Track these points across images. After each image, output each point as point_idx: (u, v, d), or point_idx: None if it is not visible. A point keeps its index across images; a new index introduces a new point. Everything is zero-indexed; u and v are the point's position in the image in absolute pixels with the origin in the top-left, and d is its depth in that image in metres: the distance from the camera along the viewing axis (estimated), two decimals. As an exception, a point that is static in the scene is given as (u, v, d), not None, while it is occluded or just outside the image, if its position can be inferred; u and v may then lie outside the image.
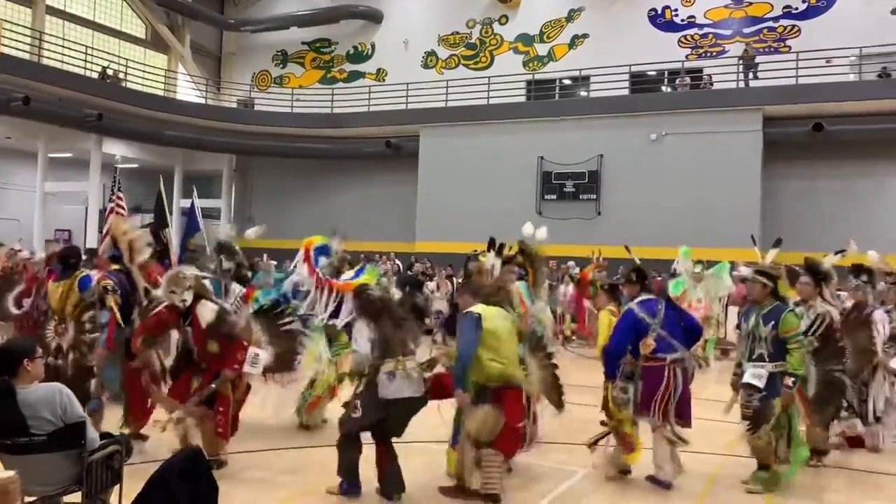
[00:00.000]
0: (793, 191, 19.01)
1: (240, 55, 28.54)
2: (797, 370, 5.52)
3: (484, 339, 4.98)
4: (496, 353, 5.01)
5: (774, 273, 5.83)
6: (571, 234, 19.03)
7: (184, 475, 3.49)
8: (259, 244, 23.64)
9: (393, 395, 4.95)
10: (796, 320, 5.66)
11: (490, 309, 5.15)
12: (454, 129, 21.63)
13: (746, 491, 5.59)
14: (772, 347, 5.61)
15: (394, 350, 5.04)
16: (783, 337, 5.55)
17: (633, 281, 6.11)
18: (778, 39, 20.62)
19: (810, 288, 6.50)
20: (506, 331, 5.13)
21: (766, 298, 5.74)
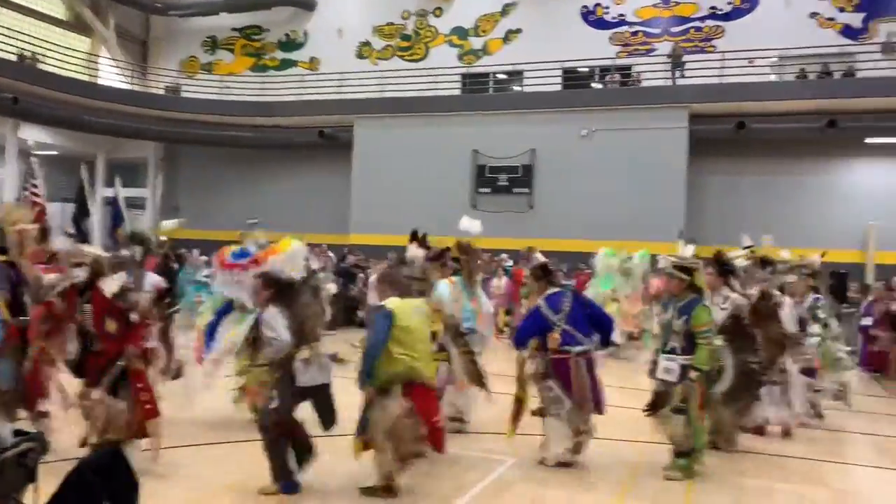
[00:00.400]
0: (717, 186, 19.65)
1: (167, 40, 27.68)
2: (702, 365, 5.67)
3: (395, 334, 4.94)
4: (408, 347, 4.97)
5: (692, 267, 5.96)
6: (505, 227, 19.21)
7: (102, 473, 3.37)
8: (188, 235, 23.07)
9: (310, 382, 4.97)
10: (708, 316, 5.78)
11: (404, 303, 5.13)
12: (389, 120, 21.52)
13: (665, 478, 5.76)
14: (684, 341, 5.75)
15: (308, 337, 5.05)
16: (693, 331, 5.69)
17: (539, 277, 6.26)
18: (704, 39, 21.23)
19: (713, 278, 6.74)
20: (419, 326, 5.10)
21: (682, 292, 5.88)
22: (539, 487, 5.52)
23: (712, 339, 5.75)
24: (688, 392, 5.66)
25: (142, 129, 23.19)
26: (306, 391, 5.02)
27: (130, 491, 3.51)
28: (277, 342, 4.97)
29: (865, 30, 19.70)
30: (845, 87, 18.34)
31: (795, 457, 6.68)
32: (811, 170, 19.18)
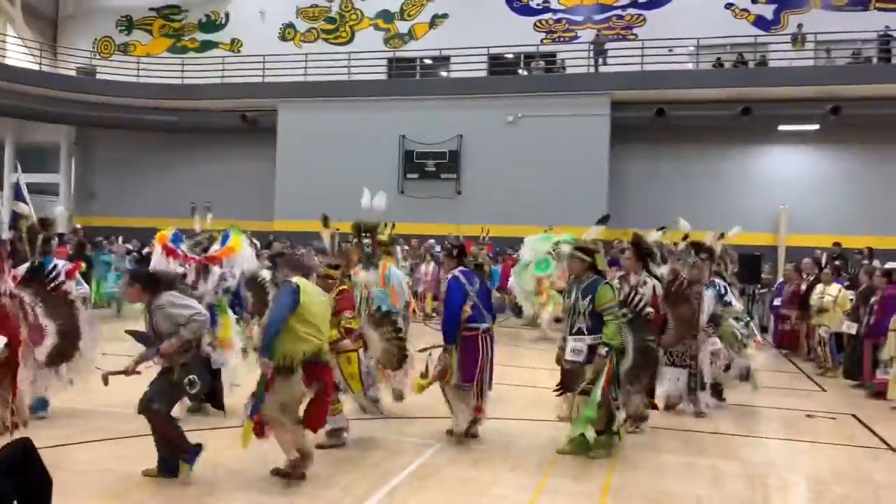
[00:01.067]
0: (638, 171, 20.17)
1: (79, 19, 26.46)
2: (611, 340, 5.83)
3: (300, 313, 4.93)
4: (311, 327, 5.00)
5: (593, 248, 6.12)
6: (433, 213, 19.29)
7: (11, 469, 3.23)
8: (103, 222, 22.29)
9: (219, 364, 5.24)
10: (611, 293, 5.92)
11: (307, 283, 5.17)
12: (314, 104, 21.19)
13: (589, 457, 5.89)
14: (590, 321, 5.90)
15: None
16: (599, 309, 5.85)
17: (453, 256, 6.37)
18: (625, 27, 21.67)
19: (632, 261, 6.97)
20: (320, 306, 5.15)
21: (584, 273, 6.03)
22: (465, 470, 5.58)
23: (618, 314, 5.90)
24: (599, 368, 5.80)
25: (53, 112, 22.16)
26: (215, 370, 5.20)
27: (42, 488, 3.38)
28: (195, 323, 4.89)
29: (778, 21, 20.50)
30: (759, 76, 19.09)
31: (710, 432, 6.95)
32: (727, 155, 19.89)
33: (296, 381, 4.98)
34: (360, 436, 6.28)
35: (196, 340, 4.97)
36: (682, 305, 7.14)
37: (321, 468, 5.42)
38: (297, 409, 5.08)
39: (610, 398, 5.88)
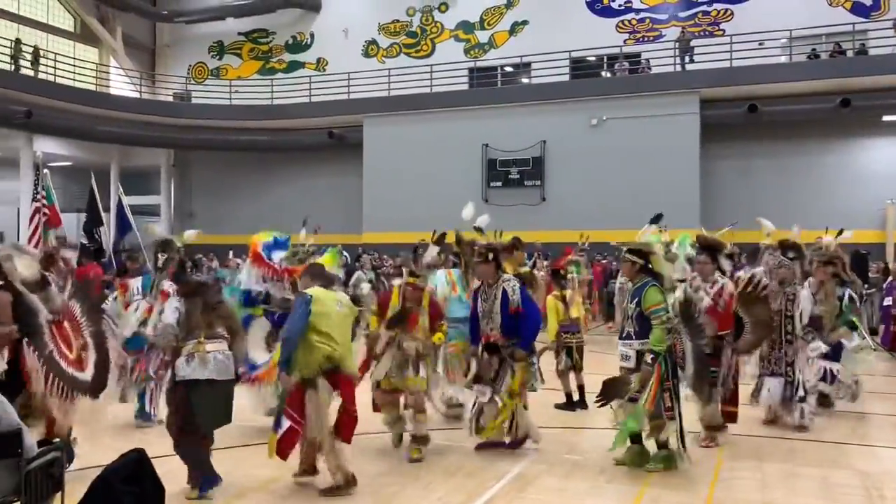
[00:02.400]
0: (729, 170, 19.52)
1: (174, 47, 27.84)
2: (655, 347, 5.48)
3: (314, 322, 4.93)
4: (326, 336, 4.97)
5: (647, 250, 5.82)
6: (517, 220, 19.13)
7: (128, 479, 3.40)
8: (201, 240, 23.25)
9: (188, 376, 4.96)
10: (659, 296, 5.56)
11: (324, 292, 5.14)
12: (397, 118, 21.53)
13: (645, 469, 5.62)
14: (637, 325, 5.62)
15: (195, 331, 5.05)
16: (646, 313, 5.54)
17: (488, 260, 6.16)
18: (712, 23, 21.06)
19: (709, 266, 6.49)
20: (338, 315, 5.10)
21: (636, 276, 5.74)
22: (561, 479, 5.50)
23: (665, 319, 5.50)
24: (645, 377, 5.51)
25: (152, 136, 23.38)
26: (187, 385, 4.99)
27: (157, 496, 3.54)
28: (162, 325, 5.15)
29: (878, 6, 19.47)
30: (859, 66, 18.17)
31: (816, 440, 6.62)
32: (826, 150, 19.01)
33: (322, 392, 4.98)
34: (454, 444, 6.30)
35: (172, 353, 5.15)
36: (757, 307, 6.68)
37: (417, 478, 5.47)
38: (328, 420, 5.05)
39: (663, 408, 5.52)
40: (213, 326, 5.13)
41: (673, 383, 5.56)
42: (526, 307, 6.03)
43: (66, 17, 26.01)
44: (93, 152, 23.41)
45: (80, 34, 26.16)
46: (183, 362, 4.98)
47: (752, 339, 6.69)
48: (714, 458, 6.06)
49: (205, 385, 4.97)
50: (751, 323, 6.70)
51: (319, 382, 4.97)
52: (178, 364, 5.00)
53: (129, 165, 25.07)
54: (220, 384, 5.02)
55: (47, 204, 9.33)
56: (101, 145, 23.21)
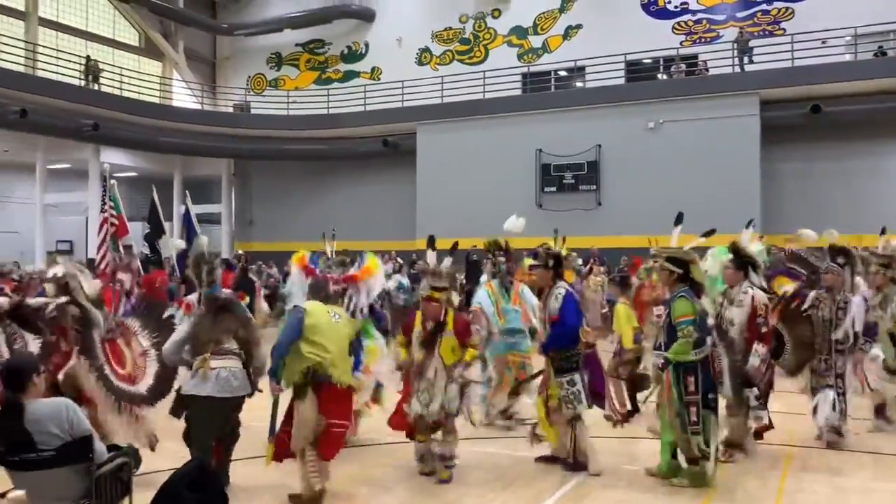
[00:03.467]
0: (792, 173, 18.98)
1: (234, 59, 28.52)
2: (672, 355, 5.31)
3: (306, 334, 5.00)
4: (317, 346, 5.01)
5: (686, 258, 5.58)
6: (572, 225, 18.97)
7: (193, 486, 3.49)
8: (261, 248, 23.76)
9: (188, 391, 5.13)
10: (688, 307, 5.34)
11: (319, 305, 5.24)
12: (451, 125, 21.60)
13: (671, 484, 5.46)
14: (667, 335, 5.44)
15: (201, 347, 5.14)
16: (674, 323, 5.35)
17: (548, 267, 5.94)
18: (772, 22, 20.55)
19: (732, 272, 6.25)
20: (332, 326, 5.14)
21: (674, 285, 5.55)
22: (621, 492, 5.42)
23: (689, 331, 5.27)
24: (656, 377, 5.38)
25: (213, 146, 23.98)
26: (189, 400, 5.16)
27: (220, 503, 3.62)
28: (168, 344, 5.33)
29: (948, 0, 18.69)
30: (928, 63, 17.47)
31: (889, 454, 6.37)
32: (893, 151, 18.33)
33: (308, 403, 5.00)
34: (513, 453, 6.27)
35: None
36: (800, 325, 6.38)
37: (474, 486, 5.46)
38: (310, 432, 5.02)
39: (688, 423, 5.30)
40: (221, 342, 5.22)
41: (704, 399, 5.36)
42: (563, 316, 5.71)
43: (132, 33, 26.92)
44: (156, 163, 24.15)
45: (144, 48, 27.03)
46: (189, 377, 5.21)
47: (793, 360, 6.42)
48: (779, 471, 5.89)
49: (201, 401, 5.10)
50: (792, 343, 6.43)
51: (308, 394, 5.01)
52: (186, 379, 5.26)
53: (191, 175, 25.74)
54: (217, 401, 5.09)
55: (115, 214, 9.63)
56: (164, 156, 23.92)
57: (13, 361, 3.94)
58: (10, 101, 18.35)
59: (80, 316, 5.33)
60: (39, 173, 21.86)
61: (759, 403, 6.00)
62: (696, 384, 5.33)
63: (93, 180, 21.74)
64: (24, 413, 3.55)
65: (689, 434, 5.32)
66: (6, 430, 3.54)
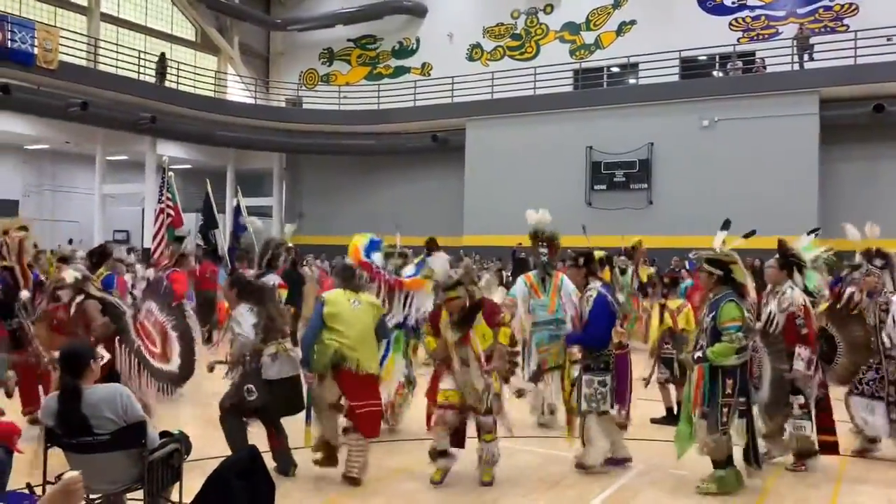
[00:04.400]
0: (852, 175, 18.41)
1: (287, 54, 28.90)
2: (710, 354, 5.15)
3: (326, 321, 5.25)
4: (337, 333, 5.21)
5: (727, 260, 5.40)
6: (622, 224, 18.74)
7: (242, 473, 3.54)
8: (310, 241, 24.05)
9: (276, 375, 5.34)
10: (737, 311, 5.17)
11: (340, 292, 5.42)
12: (500, 121, 21.52)
13: (698, 492, 5.30)
14: (710, 339, 5.28)
15: (275, 333, 5.40)
16: (720, 327, 5.19)
17: (579, 265, 5.84)
18: (835, 19, 19.94)
19: (775, 271, 6.01)
20: (352, 313, 5.32)
21: (715, 287, 5.39)
22: (666, 495, 5.33)
23: (737, 337, 5.12)
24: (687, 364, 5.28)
25: (266, 140, 24.36)
26: (273, 383, 5.35)
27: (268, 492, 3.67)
28: (242, 338, 5.33)
29: None
30: None
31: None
32: (961, 153, 17.65)
33: (324, 385, 5.30)
34: (557, 453, 6.23)
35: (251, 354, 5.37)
36: (851, 326, 6.09)
37: (516, 486, 5.44)
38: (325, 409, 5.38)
39: (719, 424, 5.14)
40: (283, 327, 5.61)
41: (738, 402, 5.23)
42: (592, 318, 5.67)
43: (188, 28, 27.49)
44: (210, 156, 24.63)
45: (200, 43, 27.58)
46: (268, 361, 5.37)
47: (848, 363, 6.12)
48: (833, 481, 5.72)
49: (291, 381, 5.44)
50: (845, 344, 6.13)
51: (327, 378, 5.28)
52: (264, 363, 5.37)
53: (243, 168, 26.19)
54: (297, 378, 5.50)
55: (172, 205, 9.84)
56: (218, 149, 24.38)
57: (71, 347, 4.05)
58: (72, 94, 18.93)
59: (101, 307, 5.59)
60: (99, 164, 22.51)
61: (802, 413, 5.75)
62: (733, 387, 5.21)
63: (149, 172, 22.30)
64: (82, 397, 3.66)
65: (720, 434, 5.20)
66: (64, 413, 3.65)
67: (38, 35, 18.23)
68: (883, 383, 6.17)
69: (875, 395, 6.19)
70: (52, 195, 25.33)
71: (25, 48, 17.91)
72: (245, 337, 5.33)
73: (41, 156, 24.66)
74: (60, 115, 19.14)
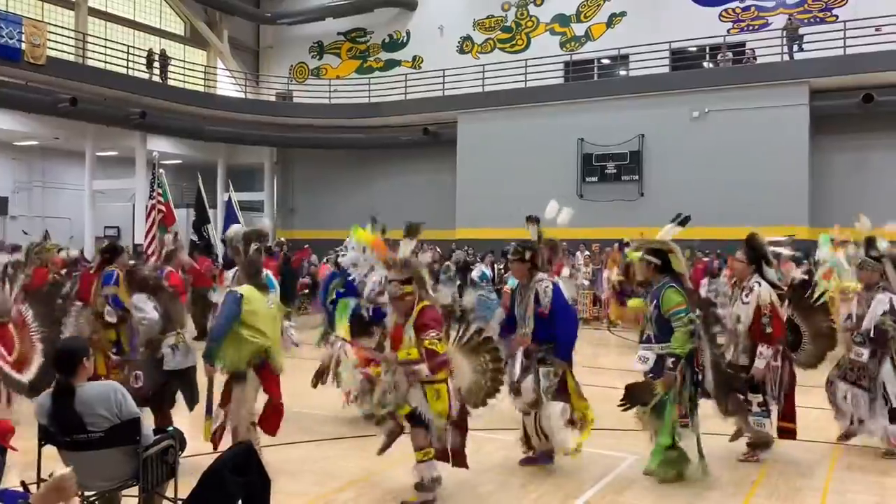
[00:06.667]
0: (842, 165, 18.50)
1: (277, 48, 28.77)
2: (676, 350, 5.16)
3: (245, 319, 5.01)
4: (257, 331, 5.05)
5: (665, 248, 5.45)
6: (614, 216, 18.85)
7: (237, 469, 3.54)
8: (302, 235, 24.01)
9: (176, 366, 5.43)
10: (679, 297, 5.22)
11: (255, 292, 5.22)
12: (492, 114, 21.51)
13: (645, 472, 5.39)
14: (656, 327, 5.32)
15: (173, 324, 5.47)
16: (666, 315, 5.22)
17: (524, 259, 5.64)
18: (824, 9, 19.99)
19: (743, 266, 5.95)
20: (267, 314, 5.20)
21: (655, 276, 5.44)
22: (662, 485, 5.36)
23: (687, 319, 5.15)
24: (669, 383, 5.18)
25: (257, 135, 24.28)
26: (173, 374, 5.45)
27: (263, 488, 3.68)
28: (147, 321, 5.42)
29: None
30: None
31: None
32: (950, 142, 17.75)
33: (250, 386, 5.11)
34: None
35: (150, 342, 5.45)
36: (815, 316, 6.12)
37: (512, 478, 5.46)
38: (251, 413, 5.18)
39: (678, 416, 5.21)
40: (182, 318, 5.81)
41: (691, 391, 5.29)
42: (558, 310, 5.50)
43: (178, 22, 27.32)
44: (201, 151, 24.52)
45: (189, 38, 27.43)
46: (169, 353, 5.52)
47: (813, 351, 6.15)
48: (825, 469, 5.78)
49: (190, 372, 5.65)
50: (810, 334, 6.17)
51: (249, 376, 5.11)
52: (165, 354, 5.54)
53: (234, 163, 26.10)
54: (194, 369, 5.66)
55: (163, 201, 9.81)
56: (208, 144, 24.28)
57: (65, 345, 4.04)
58: (61, 89, 18.81)
59: None
60: (88, 160, 22.37)
61: (761, 410, 5.75)
62: (685, 377, 5.25)
63: (139, 167, 22.20)
64: (75, 395, 3.65)
65: (682, 428, 5.25)
66: (58, 411, 3.64)
67: (26, 30, 18.09)
68: (864, 377, 6.08)
69: (857, 383, 6.13)
70: (41, 192, 25.16)
71: (13, 43, 17.79)
72: (150, 318, 5.44)
73: (30, 152, 24.49)
74: (49, 110, 19.02)
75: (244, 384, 5.10)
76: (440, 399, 4.78)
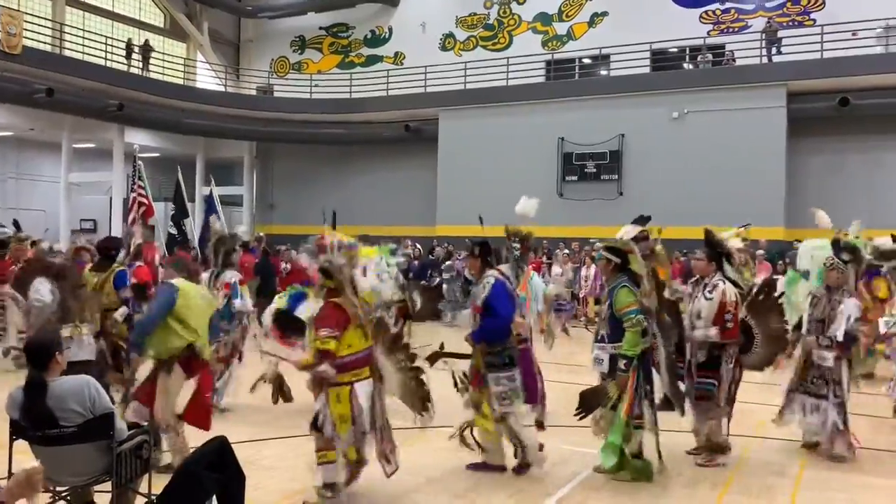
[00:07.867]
0: (819, 167, 18.72)
1: (258, 42, 28.55)
2: (627, 351, 5.18)
3: (179, 312, 4.97)
4: (186, 325, 5.01)
5: (625, 248, 5.46)
6: (593, 215, 18.92)
7: (212, 465, 3.53)
8: (281, 230, 23.89)
9: (71, 357, 5.22)
10: (631, 296, 5.23)
11: (189, 284, 5.26)
12: (473, 111, 21.52)
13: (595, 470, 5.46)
14: (609, 327, 5.35)
15: (71, 315, 5.51)
16: (617, 314, 5.25)
17: (476, 255, 5.60)
18: (802, 13, 20.21)
19: (704, 263, 5.93)
20: (199, 307, 5.16)
21: (612, 275, 5.48)
22: (635, 483, 5.40)
23: (637, 320, 5.16)
24: (622, 384, 5.20)
25: (236, 129, 24.08)
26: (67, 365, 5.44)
27: (238, 484, 3.66)
28: (39, 303, 5.52)
29: (984, -7, 18.27)
30: (962, 56, 17.11)
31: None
32: (924, 146, 18.02)
33: (175, 377, 5.05)
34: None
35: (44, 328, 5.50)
36: (770, 317, 6.10)
37: (488, 477, 5.47)
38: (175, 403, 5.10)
39: (631, 417, 5.22)
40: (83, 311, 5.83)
41: (646, 390, 5.30)
42: (494, 305, 5.31)
43: (157, 14, 27.04)
44: (179, 144, 24.30)
45: (169, 30, 27.15)
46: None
47: (764, 354, 6.11)
48: (796, 467, 5.86)
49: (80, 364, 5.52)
50: (762, 336, 6.10)
51: (175, 367, 5.04)
52: None
53: (214, 157, 25.89)
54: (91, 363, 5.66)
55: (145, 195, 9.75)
56: (187, 137, 24.06)
57: (36, 339, 3.99)
58: (37, 80, 18.54)
59: None
60: (65, 152, 22.09)
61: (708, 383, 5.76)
62: (640, 376, 5.26)
63: (117, 160, 21.96)
64: (47, 390, 3.61)
65: (633, 428, 5.26)
66: (30, 406, 3.60)
67: (2, 19, 17.79)
68: (821, 384, 6.04)
69: (815, 393, 6.08)
70: (15, 183, 24.80)
71: (-12, 33, 17.50)
72: (42, 301, 5.52)
73: (5, 143, 24.13)
74: (25, 101, 18.75)
75: (168, 375, 5.05)
76: (341, 402, 4.61)
